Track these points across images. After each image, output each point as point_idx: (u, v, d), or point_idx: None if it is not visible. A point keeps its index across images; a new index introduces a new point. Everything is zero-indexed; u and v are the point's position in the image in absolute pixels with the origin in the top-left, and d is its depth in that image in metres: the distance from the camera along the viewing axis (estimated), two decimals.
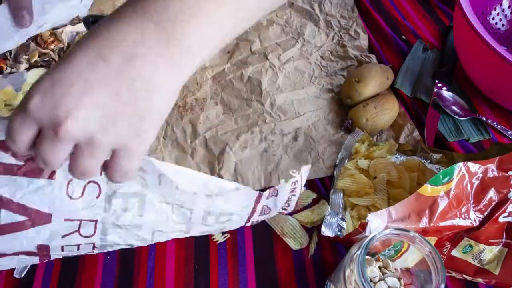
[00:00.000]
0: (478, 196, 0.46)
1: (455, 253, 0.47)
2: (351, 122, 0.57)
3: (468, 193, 0.46)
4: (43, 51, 0.58)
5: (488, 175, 0.46)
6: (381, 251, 0.43)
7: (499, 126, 0.59)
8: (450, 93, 0.62)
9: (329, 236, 0.47)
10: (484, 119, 0.60)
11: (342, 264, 0.41)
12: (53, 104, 0.25)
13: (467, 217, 0.46)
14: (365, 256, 0.37)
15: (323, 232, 0.47)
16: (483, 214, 0.46)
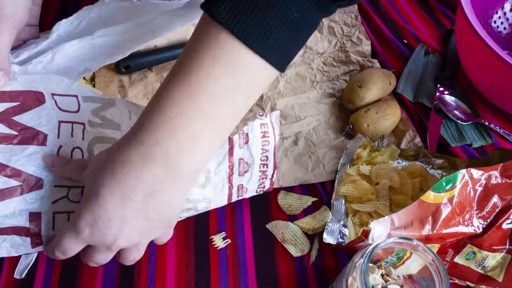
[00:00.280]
0: (482, 203, 0.46)
1: (458, 260, 0.47)
2: (352, 127, 0.57)
3: (471, 200, 0.46)
4: None
5: (492, 181, 0.46)
6: (384, 258, 0.42)
7: (501, 131, 0.59)
8: (452, 98, 0.62)
9: (331, 244, 0.47)
10: (487, 123, 0.59)
11: (344, 272, 0.40)
12: (100, 234, 0.36)
13: (470, 224, 0.46)
14: (368, 265, 0.37)
15: (325, 240, 0.47)
16: (487, 221, 0.46)
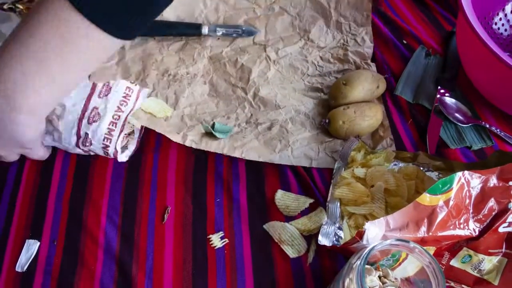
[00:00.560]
0: (478, 206, 0.46)
1: (454, 263, 0.47)
2: (328, 122, 0.57)
3: (467, 203, 0.45)
4: None
5: (489, 184, 0.46)
6: (380, 260, 0.42)
7: (502, 133, 0.59)
8: (453, 100, 0.62)
9: (326, 245, 0.47)
10: (487, 126, 0.59)
11: (341, 273, 0.40)
12: None
13: (467, 227, 0.45)
14: (365, 266, 0.37)
15: (320, 242, 0.47)
16: (483, 224, 0.46)
